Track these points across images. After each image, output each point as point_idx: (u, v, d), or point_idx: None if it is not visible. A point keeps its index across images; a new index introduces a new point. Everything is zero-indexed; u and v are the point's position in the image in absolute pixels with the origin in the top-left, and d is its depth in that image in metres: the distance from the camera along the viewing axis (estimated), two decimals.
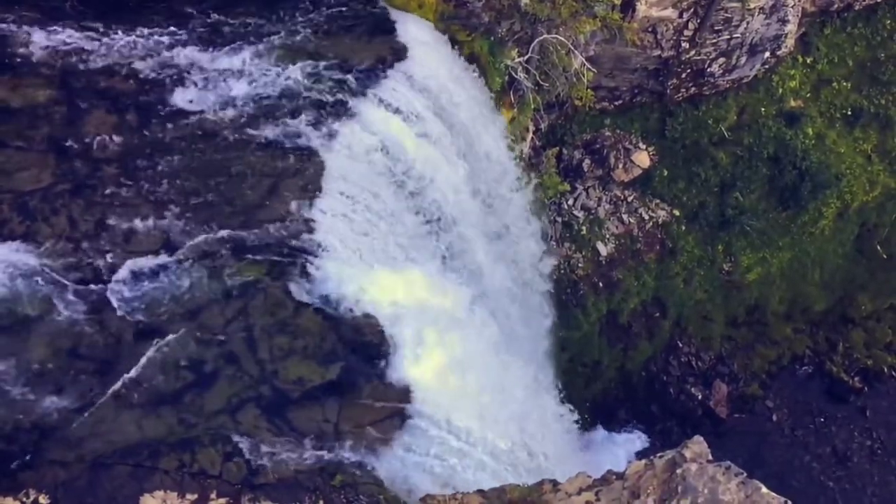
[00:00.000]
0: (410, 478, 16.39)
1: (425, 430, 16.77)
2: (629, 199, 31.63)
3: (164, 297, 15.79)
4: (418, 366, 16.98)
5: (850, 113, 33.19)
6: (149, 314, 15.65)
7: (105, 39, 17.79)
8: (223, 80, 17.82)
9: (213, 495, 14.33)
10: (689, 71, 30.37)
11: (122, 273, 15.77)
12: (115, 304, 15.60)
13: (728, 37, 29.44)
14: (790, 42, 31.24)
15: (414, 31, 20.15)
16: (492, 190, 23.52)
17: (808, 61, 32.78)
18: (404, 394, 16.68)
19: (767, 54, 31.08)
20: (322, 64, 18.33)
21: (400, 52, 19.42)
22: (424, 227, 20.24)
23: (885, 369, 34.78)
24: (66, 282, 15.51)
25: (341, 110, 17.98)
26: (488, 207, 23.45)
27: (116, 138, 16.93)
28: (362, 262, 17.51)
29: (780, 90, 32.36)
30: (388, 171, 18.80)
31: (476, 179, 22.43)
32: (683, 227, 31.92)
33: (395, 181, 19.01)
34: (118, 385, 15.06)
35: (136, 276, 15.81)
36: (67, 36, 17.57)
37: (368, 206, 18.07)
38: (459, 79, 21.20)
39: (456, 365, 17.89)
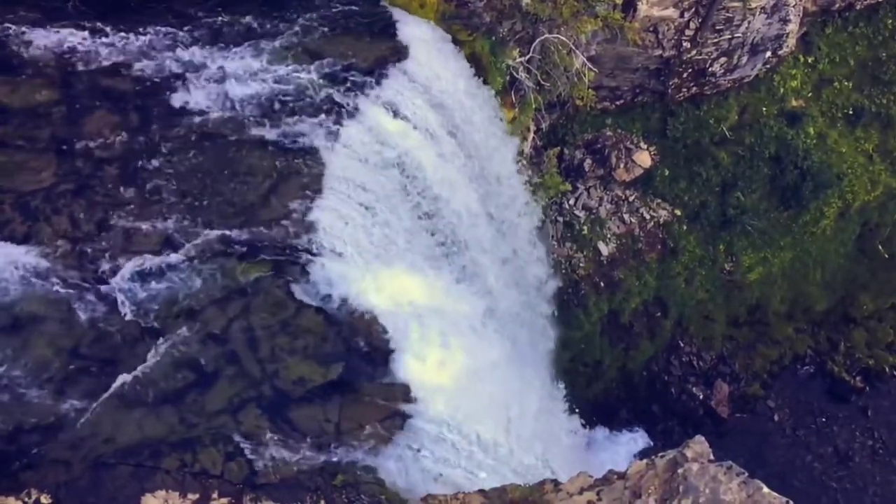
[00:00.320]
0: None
1: (452, 442, 16.78)
2: (630, 198, 31.61)
3: (166, 297, 15.79)
4: (425, 367, 16.98)
5: (851, 112, 33.15)
6: (150, 314, 15.65)
7: (107, 39, 17.77)
8: (225, 80, 17.80)
9: (214, 495, 14.34)
10: (690, 70, 30.34)
11: (124, 273, 15.76)
12: (117, 303, 15.60)
13: (729, 36, 29.42)
14: (791, 42, 31.21)
15: (416, 31, 20.12)
16: (501, 214, 23.58)
17: (810, 61, 32.74)
18: (406, 394, 16.68)
19: (769, 54, 31.05)
20: (325, 64, 18.32)
21: (402, 53, 19.41)
22: (440, 249, 20.35)
23: (887, 369, 34.75)
24: (68, 282, 15.51)
25: (344, 111, 17.97)
26: (496, 231, 23.53)
27: (118, 138, 16.92)
28: (369, 264, 17.53)
29: (782, 90, 32.33)
30: (404, 188, 18.93)
31: (488, 203, 22.55)
32: (685, 227, 31.90)
33: (411, 200, 19.12)
34: (120, 385, 15.06)
35: (138, 276, 15.81)
36: (69, 36, 17.56)
37: (378, 210, 18.12)
38: (472, 95, 21.23)
39: (468, 371, 17.88)
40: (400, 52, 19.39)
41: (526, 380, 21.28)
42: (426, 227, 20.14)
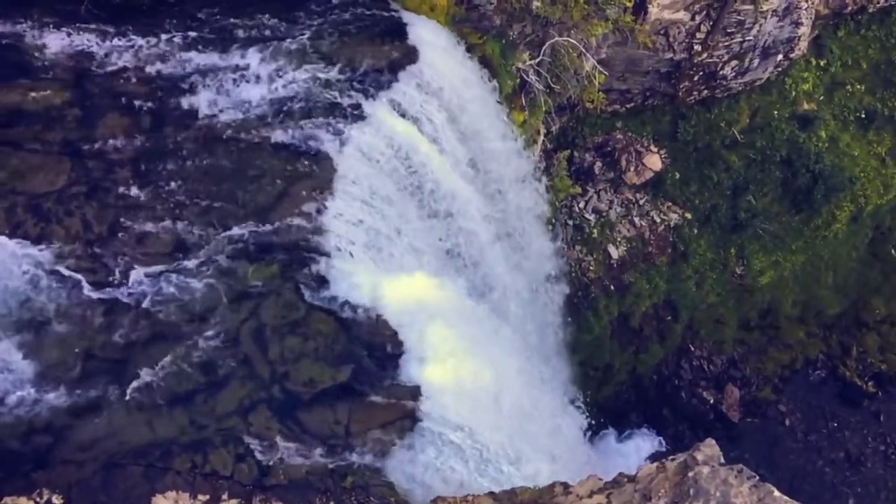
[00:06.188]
0: None
1: (461, 445, 16.76)
2: (641, 201, 31.54)
3: (177, 299, 15.86)
4: (435, 370, 16.96)
5: (863, 115, 33.01)
6: (162, 316, 15.73)
7: (120, 42, 17.90)
8: (237, 82, 17.89)
9: (224, 496, 14.39)
10: (701, 73, 30.28)
11: (136, 275, 15.85)
12: (129, 305, 15.69)
13: (740, 39, 29.34)
14: (803, 44, 31.10)
15: (426, 34, 20.13)
16: (512, 218, 23.59)
17: (822, 64, 32.63)
18: (416, 396, 16.69)
19: (780, 57, 30.95)
20: (336, 67, 18.38)
21: (412, 56, 19.44)
22: (450, 252, 20.37)
23: None
24: (80, 284, 15.60)
25: (355, 114, 18.03)
26: (507, 235, 23.54)
27: (130, 141, 17.03)
28: (380, 266, 17.56)
29: (793, 93, 32.22)
30: (414, 191, 18.99)
31: (496, 205, 22.61)
32: (695, 230, 31.81)
33: (421, 204, 19.17)
34: (131, 386, 15.14)
35: (150, 278, 15.90)
36: (82, 39, 17.69)
37: (388, 213, 18.16)
38: (482, 97, 21.23)
39: (479, 375, 17.84)
40: (410, 55, 19.43)
41: (537, 383, 21.28)
42: (436, 230, 20.17)
